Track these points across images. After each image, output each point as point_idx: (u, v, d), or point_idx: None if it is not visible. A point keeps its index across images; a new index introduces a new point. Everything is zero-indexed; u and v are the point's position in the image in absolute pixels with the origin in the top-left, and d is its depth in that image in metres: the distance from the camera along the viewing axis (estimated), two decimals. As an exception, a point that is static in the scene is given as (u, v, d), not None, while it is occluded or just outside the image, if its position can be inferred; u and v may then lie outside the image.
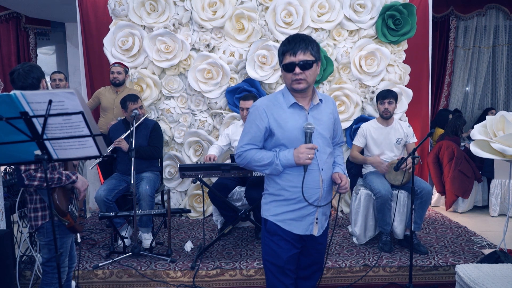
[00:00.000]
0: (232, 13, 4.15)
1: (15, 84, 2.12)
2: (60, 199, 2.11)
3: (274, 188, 1.86)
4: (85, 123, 1.72)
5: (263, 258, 1.92)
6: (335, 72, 4.30)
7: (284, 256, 1.83)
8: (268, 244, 1.87)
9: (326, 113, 1.88)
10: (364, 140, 3.52)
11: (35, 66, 2.17)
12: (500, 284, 2.05)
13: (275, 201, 1.85)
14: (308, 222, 1.84)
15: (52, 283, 2.21)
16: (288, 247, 1.84)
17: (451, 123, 4.98)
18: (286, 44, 1.75)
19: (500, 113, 2.96)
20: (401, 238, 3.41)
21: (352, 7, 4.21)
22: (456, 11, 6.19)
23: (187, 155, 4.33)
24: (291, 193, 1.81)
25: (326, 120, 1.87)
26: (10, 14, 5.83)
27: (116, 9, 4.21)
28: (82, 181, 2.22)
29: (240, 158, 1.87)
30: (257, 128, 1.81)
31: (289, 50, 1.73)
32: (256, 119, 1.82)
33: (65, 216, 2.11)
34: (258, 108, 1.82)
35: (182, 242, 3.62)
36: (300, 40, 1.73)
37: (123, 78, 4.06)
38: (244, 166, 1.89)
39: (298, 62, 1.72)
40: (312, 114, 1.82)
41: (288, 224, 1.83)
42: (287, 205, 1.82)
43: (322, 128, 1.84)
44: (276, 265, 1.85)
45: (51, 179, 2.08)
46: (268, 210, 1.87)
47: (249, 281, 3.03)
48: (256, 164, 1.82)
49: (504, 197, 4.48)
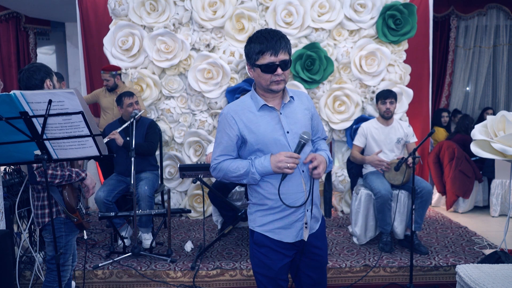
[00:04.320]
0: (232, 13, 4.15)
1: (21, 83, 2.15)
2: (69, 196, 2.15)
3: (256, 197, 1.74)
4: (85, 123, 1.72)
5: (253, 269, 1.79)
6: (335, 72, 4.30)
7: (275, 268, 1.72)
8: (257, 257, 1.75)
9: (300, 109, 1.74)
10: (364, 140, 3.52)
11: (40, 67, 2.17)
12: (501, 284, 2.05)
13: (259, 210, 1.73)
14: (297, 228, 1.71)
15: (55, 281, 2.21)
16: (279, 257, 1.72)
17: (460, 123, 5.06)
18: (264, 42, 1.59)
19: (500, 113, 2.95)
20: (401, 238, 3.40)
21: (352, 7, 4.20)
22: (456, 11, 6.19)
23: (187, 155, 4.33)
24: (274, 201, 1.68)
25: (301, 118, 1.73)
26: (10, 14, 5.83)
27: (116, 9, 4.21)
28: (91, 178, 2.27)
29: (215, 171, 1.73)
30: (228, 137, 1.69)
31: (269, 49, 1.58)
32: (226, 128, 1.69)
33: (74, 213, 2.15)
34: (226, 116, 1.69)
35: (182, 242, 3.62)
36: (280, 38, 1.60)
37: (113, 82, 4.07)
38: (221, 179, 1.74)
39: (280, 62, 1.60)
40: (284, 114, 1.70)
41: (277, 233, 1.70)
42: (273, 213, 1.70)
43: (298, 127, 1.69)
44: (267, 277, 1.74)
45: (62, 176, 2.12)
46: (254, 220, 1.75)
47: (249, 281, 3.02)
48: (232, 175, 1.69)
49: (505, 197, 4.47)
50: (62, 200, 2.14)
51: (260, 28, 4.11)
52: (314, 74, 4.18)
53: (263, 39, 1.60)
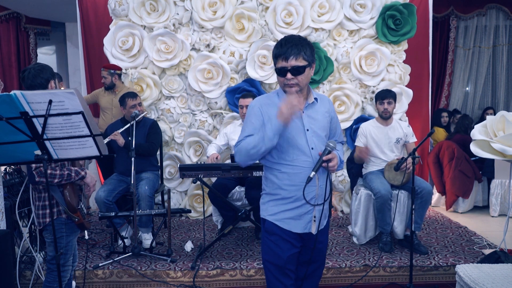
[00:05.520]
0: (232, 13, 4.15)
1: (25, 82, 2.14)
2: (70, 196, 2.15)
3: (271, 187, 1.86)
4: (85, 123, 1.72)
5: (262, 258, 1.92)
6: (335, 72, 4.30)
7: (284, 256, 1.83)
8: (267, 244, 1.87)
9: (322, 111, 1.88)
10: (365, 140, 3.52)
11: (46, 67, 2.18)
12: (501, 284, 2.05)
13: (272, 200, 1.86)
14: (306, 220, 1.84)
15: (56, 281, 2.22)
16: (288, 247, 1.83)
17: (459, 123, 5.08)
18: (279, 48, 1.73)
19: (500, 113, 2.96)
20: (401, 238, 3.40)
21: (352, 7, 4.21)
22: (456, 11, 6.19)
23: (187, 155, 4.33)
24: (287, 191, 1.81)
25: (321, 119, 1.86)
26: (10, 14, 5.83)
27: (116, 9, 4.21)
28: (91, 176, 2.27)
29: (238, 154, 1.81)
30: (252, 126, 1.81)
31: (281, 55, 1.71)
32: (252, 118, 1.83)
33: (75, 213, 2.15)
34: (254, 108, 1.84)
35: (182, 242, 3.62)
36: (293, 45, 1.71)
37: (110, 81, 4.07)
38: (244, 160, 1.79)
39: (290, 67, 1.71)
40: (307, 113, 1.83)
41: (287, 223, 1.83)
42: (285, 204, 1.83)
43: (317, 127, 1.84)
44: (276, 265, 1.84)
45: (61, 176, 2.12)
46: (266, 210, 1.88)
47: (249, 281, 3.02)
48: (251, 148, 1.74)
49: (505, 197, 4.47)
50: (63, 200, 2.14)
51: (260, 28, 4.16)
52: (314, 74, 4.18)
53: (279, 45, 1.74)
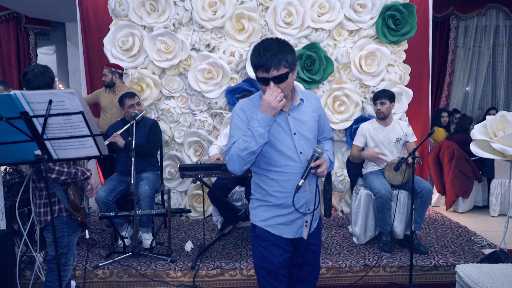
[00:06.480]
0: (232, 13, 4.15)
1: (31, 83, 2.09)
2: (74, 195, 2.16)
3: (260, 193, 1.80)
4: (85, 123, 1.72)
5: (254, 263, 1.85)
6: (335, 72, 4.30)
7: (276, 261, 1.78)
8: (258, 250, 1.81)
9: (309, 111, 1.79)
10: (363, 140, 3.52)
11: (47, 67, 2.18)
12: (501, 284, 2.05)
13: (262, 206, 1.80)
14: (297, 225, 1.78)
15: (56, 281, 2.21)
16: (280, 252, 1.78)
17: (458, 123, 5.09)
18: (258, 58, 1.61)
19: (500, 113, 2.96)
20: (401, 238, 3.40)
21: (352, 7, 4.21)
22: (456, 11, 6.19)
23: (187, 155, 4.33)
24: (277, 198, 1.75)
25: (309, 120, 1.78)
26: (10, 14, 5.83)
27: (116, 9, 4.21)
28: (95, 178, 2.27)
29: (230, 162, 1.71)
30: (240, 130, 1.71)
31: (261, 66, 1.60)
32: (237, 122, 1.74)
33: (78, 212, 2.16)
34: (237, 112, 1.75)
35: (182, 242, 3.62)
36: (272, 55, 1.58)
37: (110, 78, 4.07)
38: (238, 165, 1.69)
39: (272, 77, 1.61)
40: (292, 116, 1.75)
41: (278, 228, 1.77)
42: (275, 210, 1.77)
43: (305, 129, 1.75)
44: (268, 270, 1.79)
45: (68, 173, 2.12)
46: (257, 215, 1.81)
47: (249, 281, 3.03)
48: (243, 149, 1.64)
49: (504, 197, 4.48)
50: (67, 199, 2.14)
51: (260, 28, 4.16)
52: (314, 74, 4.18)
53: (258, 54, 1.61)
